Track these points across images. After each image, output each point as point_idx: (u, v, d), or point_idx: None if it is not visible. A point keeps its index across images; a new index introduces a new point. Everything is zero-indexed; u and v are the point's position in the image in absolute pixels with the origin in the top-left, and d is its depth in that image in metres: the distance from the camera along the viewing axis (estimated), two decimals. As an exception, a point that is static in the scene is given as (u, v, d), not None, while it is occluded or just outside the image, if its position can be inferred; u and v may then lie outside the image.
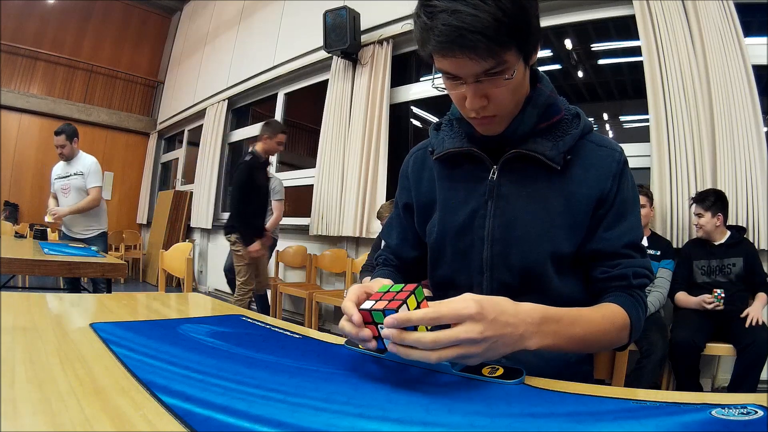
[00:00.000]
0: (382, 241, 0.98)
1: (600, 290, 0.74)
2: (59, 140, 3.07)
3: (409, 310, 0.49)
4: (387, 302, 0.51)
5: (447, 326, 0.50)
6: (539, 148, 0.72)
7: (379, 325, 0.51)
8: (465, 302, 0.52)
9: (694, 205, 2.16)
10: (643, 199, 2.24)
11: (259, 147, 3.00)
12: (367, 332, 0.53)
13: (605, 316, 0.68)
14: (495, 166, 0.75)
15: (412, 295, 0.51)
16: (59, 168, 3.19)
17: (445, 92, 0.70)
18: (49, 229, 3.30)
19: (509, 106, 0.69)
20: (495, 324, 0.52)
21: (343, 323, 0.58)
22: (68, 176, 3.13)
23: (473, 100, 0.65)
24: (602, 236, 0.73)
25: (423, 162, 0.87)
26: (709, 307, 2.04)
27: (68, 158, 3.14)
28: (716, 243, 2.14)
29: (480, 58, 0.59)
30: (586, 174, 0.73)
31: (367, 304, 0.53)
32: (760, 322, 1.97)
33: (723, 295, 2.02)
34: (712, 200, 2.09)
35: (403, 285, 0.55)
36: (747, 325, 1.96)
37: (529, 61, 0.67)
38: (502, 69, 0.62)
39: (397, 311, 0.48)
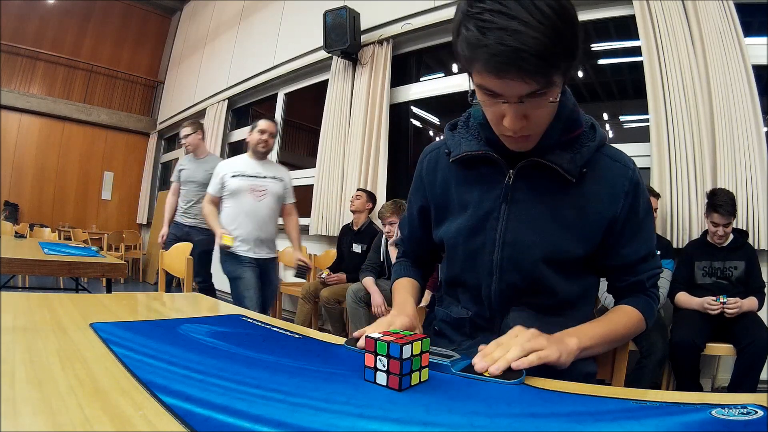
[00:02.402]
0: (397, 235, 1.03)
1: (619, 291, 0.83)
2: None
3: (413, 352, 0.53)
4: (394, 338, 0.54)
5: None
6: (558, 159, 0.72)
7: (378, 356, 0.53)
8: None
9: (716, 215, 2.05)
10: (653, 202, 2.23)
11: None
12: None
13: (618, 315, 0.78)
14: (511, 171, 0.75)
15: (419, 342, 0.54)
16: (245, 165, 2.46)
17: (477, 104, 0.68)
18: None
19: (545, 125, 0.69)
20: (534, 330, 0.63)
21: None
22: (263, 177, 2.44)
23: (514, 120, 0.63)
24: (621, 253, 0.78)
25: (436, 163, 0.87)
26: (713, 311, 2.02)
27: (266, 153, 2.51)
28: (719, 245, 2.13)
29: (532, 80, 0.58)
30: (599, 189, 0.75)
31: (375, 335, 0.55)
32: (743, 309, 1.99)
33: (724, 300, 2.00)
34: (734, 205, 2.05)
35: (413, 333, 0.59)
36: (730, 310, 1.98)
37: (567, 80, 0.66)
38: (548, 91, 0.61)
39: (401, 348, 0.51)
